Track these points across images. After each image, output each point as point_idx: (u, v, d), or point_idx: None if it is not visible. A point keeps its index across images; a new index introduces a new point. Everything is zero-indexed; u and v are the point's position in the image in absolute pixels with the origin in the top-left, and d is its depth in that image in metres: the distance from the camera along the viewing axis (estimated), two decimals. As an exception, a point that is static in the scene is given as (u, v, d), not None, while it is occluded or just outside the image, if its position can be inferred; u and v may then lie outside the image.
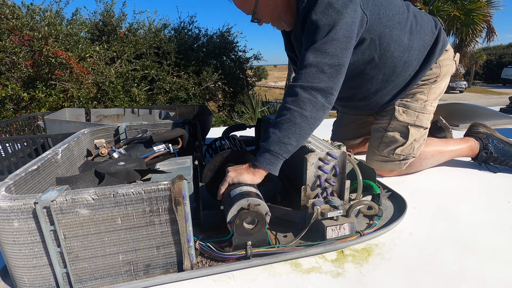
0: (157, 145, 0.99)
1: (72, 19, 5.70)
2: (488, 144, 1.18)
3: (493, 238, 0.75)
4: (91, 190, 0.55)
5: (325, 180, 0.77)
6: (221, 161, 0.85)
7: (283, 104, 0.79)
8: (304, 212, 0.75)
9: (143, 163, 0.84)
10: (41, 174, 0.70)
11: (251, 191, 0.70)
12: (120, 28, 6.33)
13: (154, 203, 0.57)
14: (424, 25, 1.02)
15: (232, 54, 8.17)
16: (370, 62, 0.98)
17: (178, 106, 1.85)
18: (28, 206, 0.52)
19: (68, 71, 4.67)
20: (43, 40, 4.36)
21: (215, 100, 8.18)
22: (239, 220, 0.65)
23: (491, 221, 0.83)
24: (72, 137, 0.94)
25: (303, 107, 0.76)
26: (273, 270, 0.65)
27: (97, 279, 0.59)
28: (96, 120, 1.73)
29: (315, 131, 0.81)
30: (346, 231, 0.72)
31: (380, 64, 0.98)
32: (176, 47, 6.88)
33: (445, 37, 1.06)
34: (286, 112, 0.77)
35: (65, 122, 1.39)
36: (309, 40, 0.80)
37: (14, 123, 1.55)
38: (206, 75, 6.81)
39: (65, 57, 4.50)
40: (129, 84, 5.45)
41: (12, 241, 0.53)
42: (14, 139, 1.12)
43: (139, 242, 0.59)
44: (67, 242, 0.55)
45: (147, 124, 1.14)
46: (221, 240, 0.70)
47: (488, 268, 0.65)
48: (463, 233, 0.78)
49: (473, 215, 0.87)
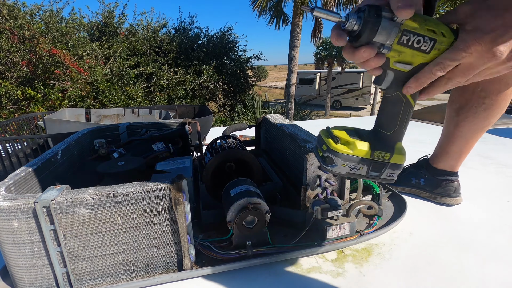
0: (157, 145, 0.99)
1: (68, 18, 5.70)
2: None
3: (493, 238, 0.75)
4: (91, 189, 0.55)
5: (325, 180, 0.77)
6: (221, 161, 0.85)
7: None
8: (304, 212, 0.75)
9: (143, 163, 0.84)
10: (41, 174, 0.70)
11: (251, 191, 0.70)
12: (120, 29, 6.34)
13: (154, 202, 0.57)
14: None
15: (233, 54, 8.18)
16: None
17: (178, 106, 1.85)
18: (28, 205, 0.52)
19: (68, 70, 4.66)
20: (35, 40, 4.35)
21: (215, 100, 8.19)
22: (239, 219, 0.65)
23: (491, 221, 0.83)
24: (72, 137, 0.94)
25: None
26: (273, 269, 0.65)
27: (97, 279, 0.59)
28: (96, 120, 1.73)
29: (315, 131, 0.81)
30: (346, 231, 0.72)
31: None
32: (178, 47, 6.88)
33: None
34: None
35: (65, 122, 1.39)
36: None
37: (13, 123, 1.55)
38: (206, 75, 6.82)
39: (60, 55, 4.49)
40: (124, 82, 5.43)
41: (12, 241, 0.53)
42: (14, 139, 1.12)
43: (139, 241, 0.59)
44: (67, 242, 0.55)
45: (147, 124, 1.14)
46: (221, 240, 0.70)
47: (488, 268, 0.65)
48: (463, 233, 0.78)
49: (473, 215, 0.87)
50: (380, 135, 0.45)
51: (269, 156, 1.15)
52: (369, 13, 0.36)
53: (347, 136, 0.45)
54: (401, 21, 0.36)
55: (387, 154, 0.45)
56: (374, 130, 0.46)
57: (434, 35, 0.37)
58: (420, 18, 0.37)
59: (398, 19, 0.36)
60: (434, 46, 0.38)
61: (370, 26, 0.36)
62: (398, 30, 0.36)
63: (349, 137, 0.45)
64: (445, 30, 0.38)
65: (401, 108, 0.43)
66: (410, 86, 0.41)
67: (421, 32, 0.37)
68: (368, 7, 0.37)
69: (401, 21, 0.36)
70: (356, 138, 0.45)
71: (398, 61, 0.39)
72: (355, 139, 0.45)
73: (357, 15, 0.37)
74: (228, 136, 1.18)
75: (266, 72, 27.95)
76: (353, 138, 0.45)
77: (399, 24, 0.36)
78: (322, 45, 14.71)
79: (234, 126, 1.30)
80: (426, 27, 0.37)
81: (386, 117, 0.44)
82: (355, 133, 0.47)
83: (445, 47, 0.38)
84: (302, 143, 0.81)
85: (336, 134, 0.46)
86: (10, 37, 4.35)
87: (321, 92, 17.32)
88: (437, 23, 0.38)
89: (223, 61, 7.83)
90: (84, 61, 5.03)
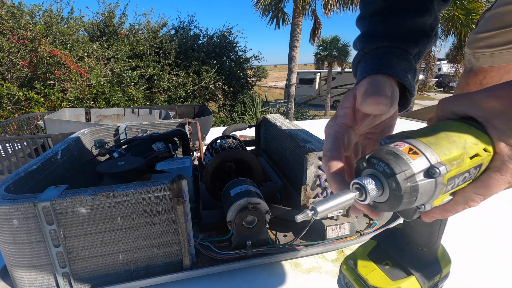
0: (157, 145, 0.99)
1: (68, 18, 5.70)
2: None
3: (493, 238, 0.75)
4: (91, 189, 0.55)
5: (325, 180, 0.77)
6: (221, 161, 0.85)
7: None
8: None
9: (143, 163, 0.84)
10: (41, 174, 0.70)
11: (251, 191, 0.70)
12: (121, 29, 6.34)
13: (154, 202, 0.57)
14: None
15: (232, 54, 8.18)
16: None
17: (178, 106, 1.85)
18: (28, 205, 0.52)
19: (68, 70, 4.66)
20: (37, 40, 4.35)
21: (215, 100, 8.19)
22: (239, 219, 0.65)
23: (491, 221, 0.83)
24: (72, 137, 0.94)
25: None
26: (273, 269, 0.65)
27: (97, 279, 0.59)
28: (96, 120, 1.73)
29: (315, 131, 0.81)
30: (346, 230, 0.72)
31: None
32: (178, 47, 6.88)
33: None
34: None
35: (65, 122, 1.40)
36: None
37: (13, 123, 1.55)
38: (206, 75, 6.82)
39: (61, 56, 4.49)
40: (125, 83, 5.43)
41: (12, 241, 0.53)
42: (14, 139, 1.12)
43: (139, 241, 0.59)
44: (67, 242, 0.55)
45: (147, 124, 1.14)
46: (221, 240, 0.70)
47: (488, 268, 0.65)
48: (462, 233, 0.78)
49: (472, 215, 0.87)
50: (419, 255, 0.37)
51: (269, 156, 1.15)
52: (397, 183, 0.25)
53: (383, 277, 0.36)
54: (444, 174, 0.25)
55: (437, 276, 0.37)
56: (408, 249, 0.37)
57: (479, 160, 0.27)
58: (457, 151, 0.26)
59: (440, 174, 0.25)
60: (479, 171, 0.28)
61: (405, 200, 0.25)
62: (443, 186, 0.25)
63: (387, 279, 0.35)
64: (485, 143, 0.27)
65: (439, 224, 0.36)
66: (433, 216, 0.30)
67: (466, 168, 0.26)
68: (388, 167, 0.25)
69: (444, 174, 0.25)
70: (395, 277, 0.35)
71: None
72: (397, 279, 0.35)
73: (373, 180, 0.26)
74: (228, 136, 1.18)
75: (266, 72, 27.98)
76: (393, 278, 0.35)
77: (441, 178, 0.25)
78: (322, 45, 14.70)
79: (234, 126, 1.30)
80: (468, 156, 0.26)
81: (423, 237, 0.37)
82: (381, 251, 0.38)
83: (487, 164, 0.28)
84: (302, 143, 0.81)
85: (366, 276, 0.36)
86: (10, 38, 4.35)
87: (321, 92, 17.31)
88: (475, 136, 0.27)
89: (223, 61, 7.83)
90: (85, 62, 5.03)
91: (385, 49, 0.40)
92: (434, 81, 18.03)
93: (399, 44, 0.39)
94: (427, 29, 0.41)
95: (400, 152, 0.26)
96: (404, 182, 0.25)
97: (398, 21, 0.40)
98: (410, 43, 0.40)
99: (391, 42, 0.40)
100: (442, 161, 0.25)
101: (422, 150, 0.26)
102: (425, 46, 0.41)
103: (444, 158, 0.25)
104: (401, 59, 0.38)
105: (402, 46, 0.39)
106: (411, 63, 0.39)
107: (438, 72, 18.84)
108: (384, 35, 0.40)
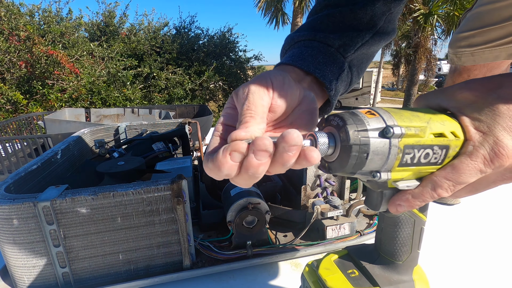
0: (157, 145, 0.99)
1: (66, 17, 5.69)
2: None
3: (493, 238, 0.75)
4: (91, 189, 0.55)
5: (325, 180, 0.77)
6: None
7: None
8: (304, 212, 0.75)
9: (143, 163, 0.84)
10: (41, 174, 0.70)
11: (251, 190, 0.70)
12: (122, 29, 6.33)
13: (154, 202, 0.57)
14: None
15: (233, 54, 8.18)
16: None
17: (178, 106, 1.85)
18: (28, 205, 0.52)
19: (65, 70, 4.66)
20: (31, 40, 4.33)
21: (215, 100, 8.19)
22: (239, 219, 0.65)
23: (491, 221, 0.83)
24: (72, 137, 0.94)
25: None
26: (273, 269, 0.66)
27: (97, 279, 0.59)
28: (96, 120, 1.73)
29: (315, 130, 0.81)
30: (346, 230, 0.72)
31: None
32: (179, 47, 6.88)
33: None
34: None
35: (65, 122, 1.40)
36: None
37: (13, 123, 1.55)
38: (206, 76, 6.81)
39: (58, 55, 4.47)
40: (120, 83, 5.40)
41: (12, 241, 0.53)
42: (14, 138, 1.12)
43: (139, 241, 0.59)
44: (67, 242, 0.55)
45: (147, 124, 1.14)
46: (221, 240, 0.70)
47: (488, 268, 0.65)
48: (462, 232, 0.78)
49: (472, 214, 0.87)
50: (391, 270, 0.35)
51: (269, 156, 1.14)
52: (346, 133, 0.25)
53: (343, 282, 0.34)
54: (399, 136, 0.25)
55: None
56: (380, 260, 0.35)
57: (445, 140, 0.26)
58: (417, 118, 0.26)
59: (394, 134, 0.24)
60: (447, 154, 0.27)
61: (354, 154, 0.25)
62: (398, 150, 0.25)
63: (348, 284, 0.33)
64: (454, 128, 0.27)
65: (412, 230, 0.34)
66: (400, 205, 0.30)
67: (428, 143, 0.26)
68: (341, 120, 0.25)
69: (399, 136, 0.25)
70: (358, 285, 0.33)
71: (400, 180, 0.28)
72: (360, 287, 0.33)
73: (327, 135, 0.26)
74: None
75: (266, 72, 27.96)
76: (356, 285, 0.33)
77: (397, 140, 0.25)
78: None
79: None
80: (431, 132, 0.26)
81: (394, 244, 0.34)
82: (350, 260, 0.36)
83: (457, 151, 0.27)
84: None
85: (326, 277, 0.34)
86: (10, 38, 4.34)
87: (321, 92, 17.27)
88: (442, 118, 0.27)
89: (223, 61, 7.83)
90: (82, 62, 5.02)
91: (305, 42, 0.41)
92: (434, 81, 18.07)
93: (320, 37, 0.40)
94: (358, 23, 0.41)
95: (357, 111, 0.26)
96: (354, 134, 0.24)
97: (333, 14, 0.42)
98: (330, 35, 0.40)
99: (315, 35, 0.41)
100: (399, 125, 0.25)
101: (380, 113, 0.26)
102: (353, 39, 0.41)
103: (402, 124, 0.25)
104: (319, 52, 0.39)
105: (321, 39, 0.40)
106: (334, 56, 0.40)
107: (438, 72, 18.87)
108: (308, 29, 0.42)
